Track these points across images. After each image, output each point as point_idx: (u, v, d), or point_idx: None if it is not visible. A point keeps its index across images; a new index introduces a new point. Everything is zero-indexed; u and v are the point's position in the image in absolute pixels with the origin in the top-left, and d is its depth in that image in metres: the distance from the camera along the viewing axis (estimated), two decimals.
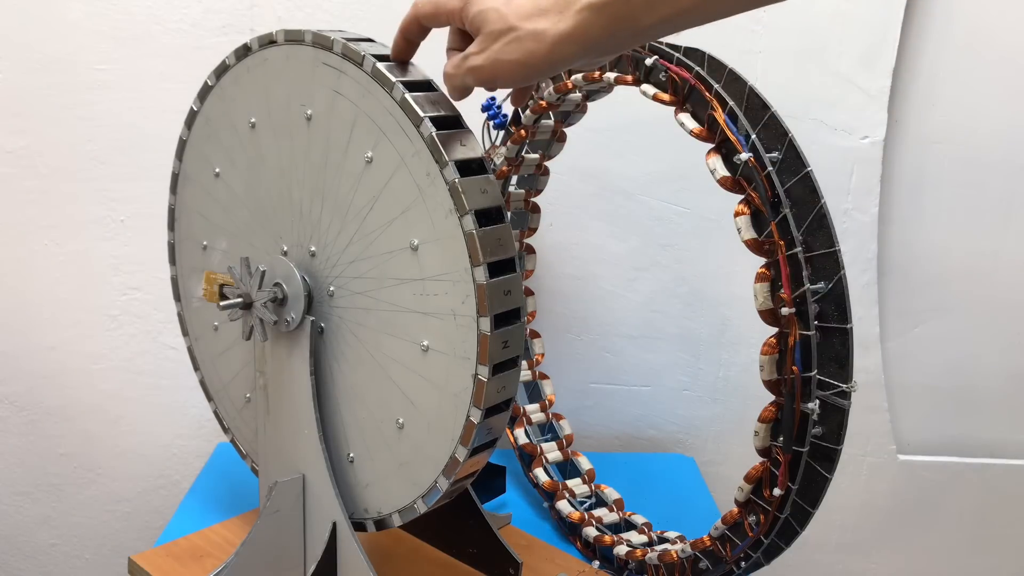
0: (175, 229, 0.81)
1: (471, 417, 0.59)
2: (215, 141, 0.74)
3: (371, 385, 0.65)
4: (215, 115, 0.74)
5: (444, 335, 0.60)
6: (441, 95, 0.59)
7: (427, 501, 0.64)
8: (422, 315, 0.61)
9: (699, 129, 0.64)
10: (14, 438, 1.14)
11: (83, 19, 1.00)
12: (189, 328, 0.83)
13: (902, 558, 1.21)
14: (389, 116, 0.59)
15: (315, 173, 0.65)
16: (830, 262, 0.60)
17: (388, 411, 0.65)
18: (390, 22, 0.99)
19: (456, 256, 0.57)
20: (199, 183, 0.77)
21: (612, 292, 1.10)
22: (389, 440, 0.65)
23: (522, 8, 0.50)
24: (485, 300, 0.56)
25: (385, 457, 0.66)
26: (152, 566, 0.77)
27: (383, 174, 0.61)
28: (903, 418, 1.17)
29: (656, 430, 1.16)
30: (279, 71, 0.66)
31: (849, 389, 0.60)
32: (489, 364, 0.57)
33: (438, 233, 0.58)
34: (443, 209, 0.57)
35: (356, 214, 0.63)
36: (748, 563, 0.69)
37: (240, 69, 0.70)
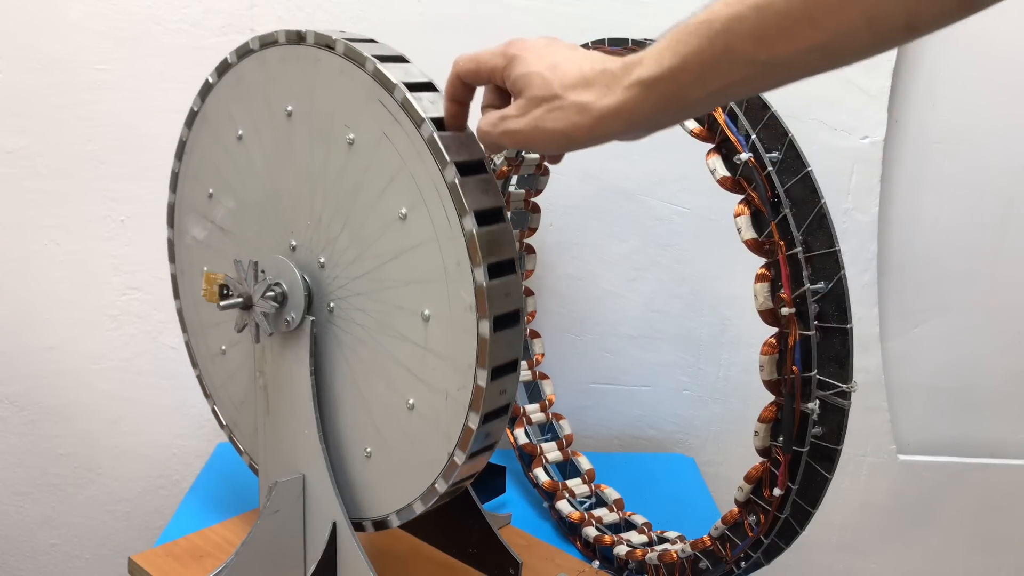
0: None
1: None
2: (246, 107, 0.72)
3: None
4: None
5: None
6: (492, 182, 0.58)
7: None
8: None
9: (699, 129, 0.64)
10: (14, 438, 1.14)
11: (83, 19, 1.00)
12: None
13: (902, 558, 1.21)
14: (434, 191, 0.57)
15: (343, 197, 0.64)
16: (830, 262, 0.60)
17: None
18: (390, 22, 1.01)
19: (464, 350, 0.58)
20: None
21: (612, 292, 1.10)
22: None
23: (568, 77, 0.48)
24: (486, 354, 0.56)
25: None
26: (152, 566, 0.77)
27: (414, 238, 0.60)
28: (903, 418, 1.17)
29: (656, 430, 1.16)
30: (330, 79, 0.62)
31: (849, 389, 0.60)
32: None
33: (453, 318, 0.58)
34: (463, 302, 0.57)
35: (376, 256, 0.63)
36: (748, 563, 0.69)
37: (289, 54, 0.68)
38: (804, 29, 0.38)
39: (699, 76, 0.43)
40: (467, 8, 1.01)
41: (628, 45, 0.71)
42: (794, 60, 0.40)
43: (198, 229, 0.78)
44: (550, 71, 0.49)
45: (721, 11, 0.41)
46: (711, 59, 0.42)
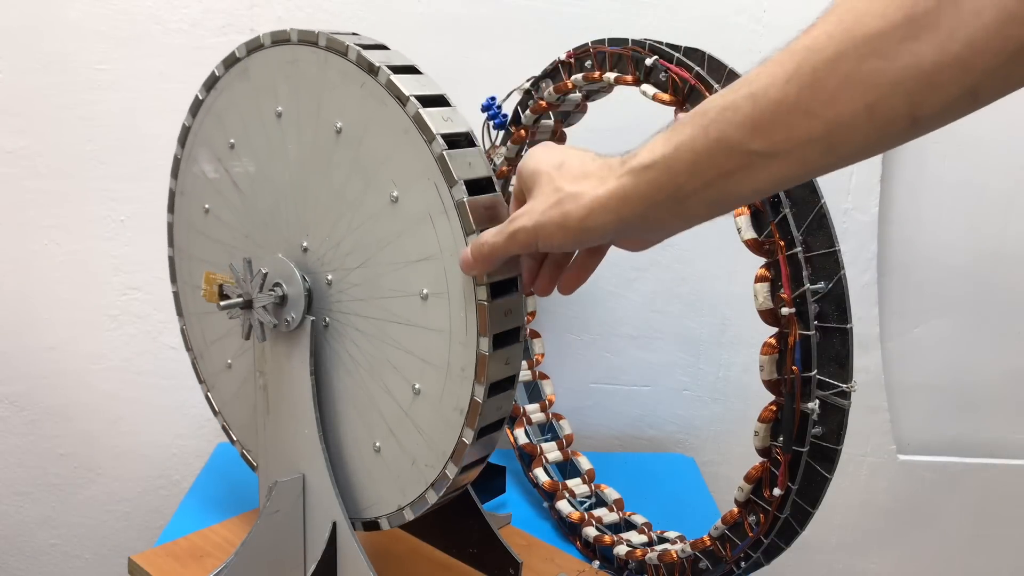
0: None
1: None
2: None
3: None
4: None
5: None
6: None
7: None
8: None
9: None
10: (14, 438, 1.14)
11: (83, 19, 1.00)
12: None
13: (902, 558, 1.21)
14: (460, 295, 0.58)
15: (369, 242, 0.63)
16: (830, 262, 0.60)
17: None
18: (390, 22, 1.01)
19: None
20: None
21: (612, 292, 1.10)
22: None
23: (571, 171, 0.48)
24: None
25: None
26: (152, 566, 0.77)
27: (428, 320, 0.60)
28: (903, 418, 1.17)
29: (656, 430, 1.16)
30: (390, 127, 0.60)
31: (849, 389, 0.60)
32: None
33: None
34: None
35: (385, 310, 0.63)
36: (748, 563, 0.69)
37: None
38: (800, 119, 0.37)
39: (691, 164, 0.42)
40: (467, 8, 1.01)
41: (628, 45, 0.71)
42: (791, 151, 0.38)
43: (210, 168, 0.77)
44: (556, 169, 0.49)
45: (716, 101, 0.40)
46: (704, 146, 0.41)
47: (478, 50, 1.02)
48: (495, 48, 1.02)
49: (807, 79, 0.37)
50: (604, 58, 0.73)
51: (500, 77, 0.83)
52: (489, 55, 1.02)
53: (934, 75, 0.34)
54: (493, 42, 1.02)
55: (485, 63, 1.01)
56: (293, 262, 0.67)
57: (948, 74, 0.34)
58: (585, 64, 0.76)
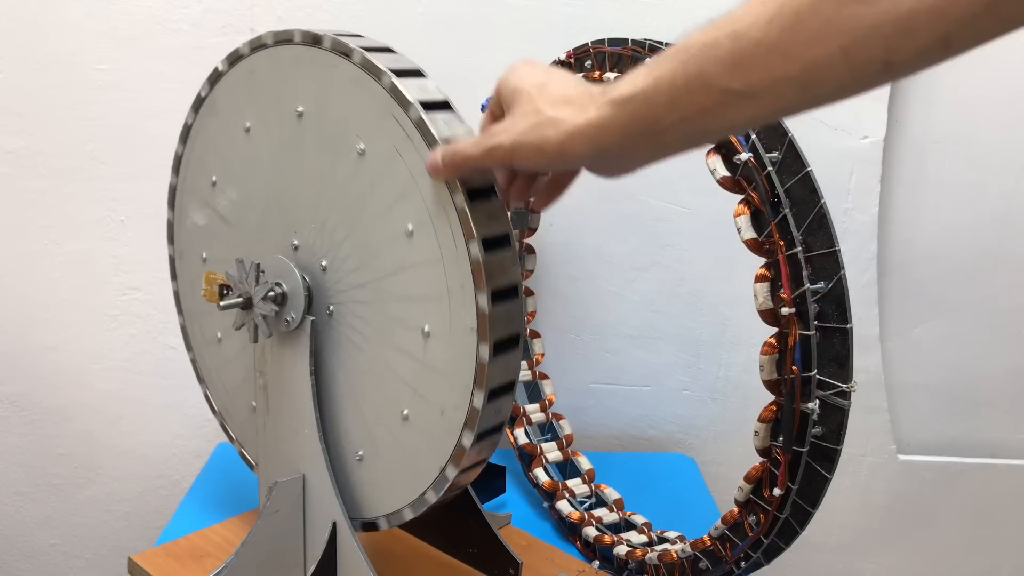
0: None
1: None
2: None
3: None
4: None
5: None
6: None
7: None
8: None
9: None
10: (14, 438, 1.14)
11: (83, 19, 1.00)
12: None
13: (902, 558, 1.21)
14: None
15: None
16: (830, 262, 0.60)
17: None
18: (390, 22, 1.01)
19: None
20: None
21: (612, 292, 1.10)
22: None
23: (552, 94, 0.49)
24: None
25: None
26: (152, 566, 0.77)
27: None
28: (903, 418, 1.17)
29: (656, 430, 1.16)
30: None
31: (849, 389, 0.60)
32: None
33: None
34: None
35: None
36: (748, 563, 0.69)
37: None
38: (778, 60, 0.38)
39: (670, 99, 0.42)
40: (467, 8, 1.01)
41: (628, 45, 0.71)
42: (768, 91, 0.39)
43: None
44: (537, 89, 0.49)
45: (697, 38, 0.41)
46: (684, 82, 0.42)
47: (478, 50, 1.02)
48: (495, 48, 1.02)
49: (789, 20, 0.37)
50: (604, 58, 0.73)
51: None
52: (489, 55, 1.02)
53: (910, 20, 0.35)
54: (493, 42, 1.02)
55: (485, 63, 1.01)
56: (292, 262, 0.67)
57: (923, 20, 0.35)
58: (585, 64, 0.76)
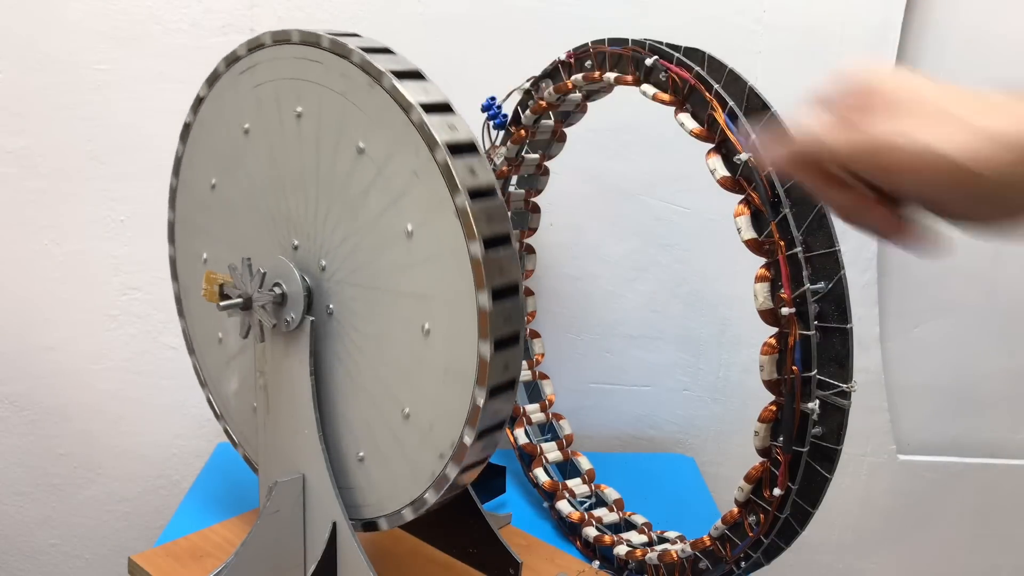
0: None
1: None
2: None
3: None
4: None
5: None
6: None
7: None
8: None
9: (699, 129, 0.64)
10: (14, 438, 1.14)
11: (83, 19, 1.00)
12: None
13: (902, 558, 1.21)
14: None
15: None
16: (830, 262, 0.60)
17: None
18: (390, 22, 1.01)
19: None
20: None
21: (612, 292, 1.10)
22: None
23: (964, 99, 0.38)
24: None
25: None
26: (152, 566, 0.77)
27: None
28: (903, 418, 1.17)
29: (656, 430, 1.16)
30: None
31: (849, 389, 0.60)
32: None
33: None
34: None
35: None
36: (748, 563, 0.69)
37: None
38: None
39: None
40: (467, 8, 1.01)
41: (628, 45, 0.71)
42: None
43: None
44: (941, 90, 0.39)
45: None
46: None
47: (478, 50, 1.02)
48: (495, 48, 1.02)
49: None
50: (604, 58, 0.73)
51: (500, 77, 0.83)
52: (489, 55, 1.02)
53: None
54: (493, 42, 1.02)
55: (485, 63, 1.01)
56: (292, 262, 0.67)
57: None
58: (585, 64, 0.76)
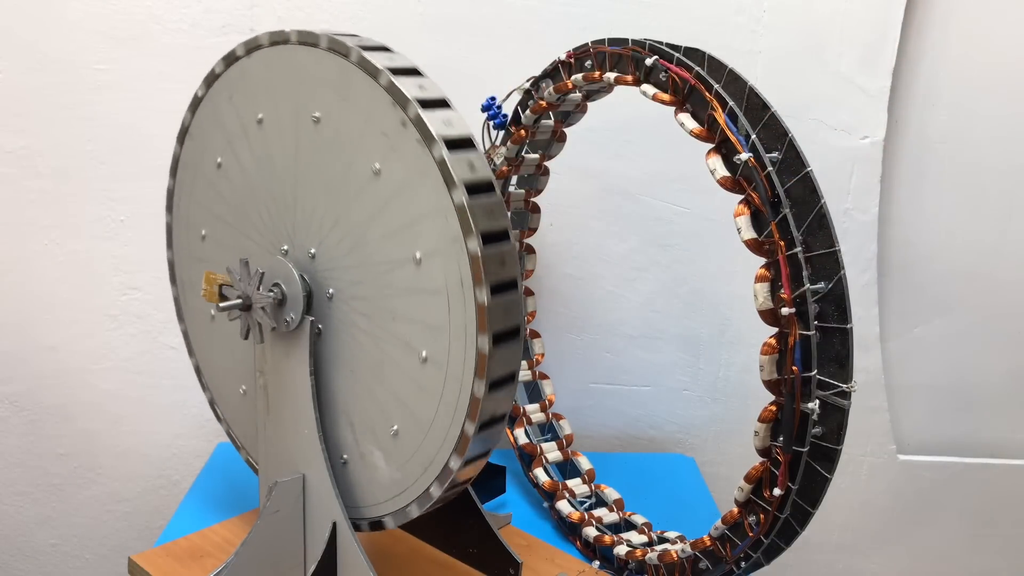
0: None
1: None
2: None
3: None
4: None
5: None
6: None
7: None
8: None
9: (699, 129, 0.64)
10: (14, 438, 1.14)
11: (83, 19, 1.00)
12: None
13: (902, 558, 1.21)
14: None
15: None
16: (830, 262, 0.60)
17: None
18: (390, 22, 1.01)
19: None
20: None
21: (612, 292, 1.10)
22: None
23: None
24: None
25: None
26: (152, 566, 0.77)
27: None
28: (903, 418, 1.17)
29: (656, 430, 1.16)
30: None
31: (849, 389, 0.60)
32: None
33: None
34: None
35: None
36: (748, 563, 0.69)
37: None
38: None
39: None
40: (467, 8, 1.01)
41: (628, 45, 0.71)
42: None
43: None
44: None
45: None
46: None
47: (478, 50, 1.02)
48: (495, 48, 1.02)
49: None
50: (604, 58, 0.73)
51: (500, 77, 0.83)
52: (489, 55, 1.02)
53: None
54: (493, 42, 1.02)
55: (485, 63, 1.01)
56: (290, 262, 0.67)
57: None
58: (585, 64, 0.76)
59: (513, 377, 0.60)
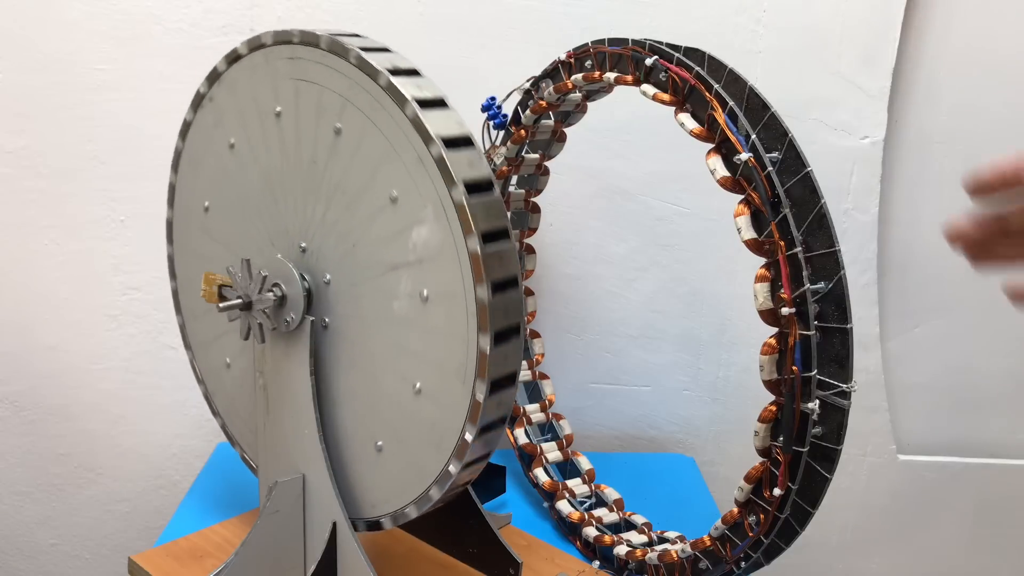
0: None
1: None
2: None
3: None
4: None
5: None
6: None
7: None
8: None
9: (699, 129, 0.64)
10: (14, 438, 1.14)
11: (83, 19, 1.00)
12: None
13: (902, 558, 1.21)
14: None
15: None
16: (830, 262, 0.60)
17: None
18: (390, 22, 1.01)
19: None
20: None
21: (612, 292, 1.10)
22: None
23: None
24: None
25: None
26: (152, 566, 0.77)
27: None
28: (903, 418, 1.17)
29: (656, 430, 1.16)
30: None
31: (849, 389, 0.60)
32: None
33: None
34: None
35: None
36: (748, 563, 0.69)
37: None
38: None
39: None
40: (467, 8, 1.01)
41: (628, 45, 0.71)
42: None
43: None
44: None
45: None
46: None
47: (478, 50, 1.02)
48: (495, 48, 1.02)
49: None
50: (604, 58, 0.73)
51: (500, 77, 0.83)
52: (489, 55, 1.02)
53: None
54: (493, 42, 1.02)
55: (485, 63, 1.01)
56: (290, 262, 0.67)
57: None
58: (585, 64, 0.76)
59: (513, 379, 0.60)
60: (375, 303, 0.64)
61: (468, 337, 0.58)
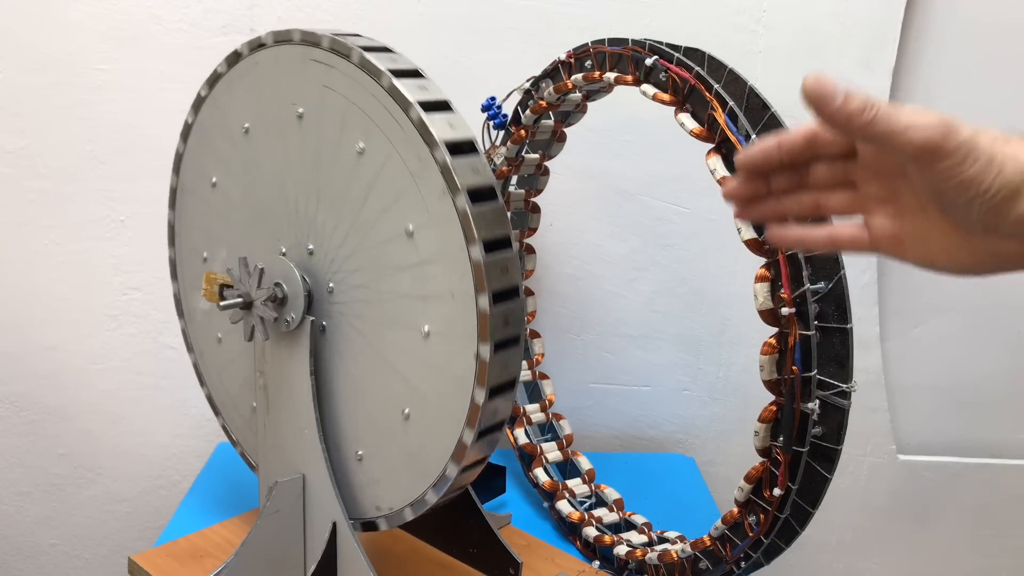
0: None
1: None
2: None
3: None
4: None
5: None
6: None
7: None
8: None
9: (699, 129, 0.64)
10: (14, 438, 1.14)
11: (83, 19, 1.00)
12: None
13: (902, 558, 1.21)
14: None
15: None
16: (830, 262, 0.60)
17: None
18: (390, 22, 1.01)
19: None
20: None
21: (612, 292, 1.10)
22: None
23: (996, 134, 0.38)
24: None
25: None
26: (152, 566, 0.77)
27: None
28: (903, 418, 1.17)
29: (656, 430, 1.16)
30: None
31: (849, 389, 0.60)
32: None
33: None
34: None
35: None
36: (748, 563, 0.69)
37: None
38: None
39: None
40: (467, 8, 1.01)
41: (628, 45, 0.71)
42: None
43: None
44: None
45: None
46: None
47: (478, 50, 1.02)
48: (495, 48, 1.02)
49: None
50: (604, 58, 0.73)
51: (500, 77, 0.83)
52: (489, 55, 1.02)
53: None
54: (493, 42, 1.02)
55: (485, 63, 1.01)
56: (292, 262, 0.67)
57: None
58: (585, 64, 0.76)
59: (512, 385, 0.60)
60: (375, 304, 0.64)
61: (468, 344, 0.58)
